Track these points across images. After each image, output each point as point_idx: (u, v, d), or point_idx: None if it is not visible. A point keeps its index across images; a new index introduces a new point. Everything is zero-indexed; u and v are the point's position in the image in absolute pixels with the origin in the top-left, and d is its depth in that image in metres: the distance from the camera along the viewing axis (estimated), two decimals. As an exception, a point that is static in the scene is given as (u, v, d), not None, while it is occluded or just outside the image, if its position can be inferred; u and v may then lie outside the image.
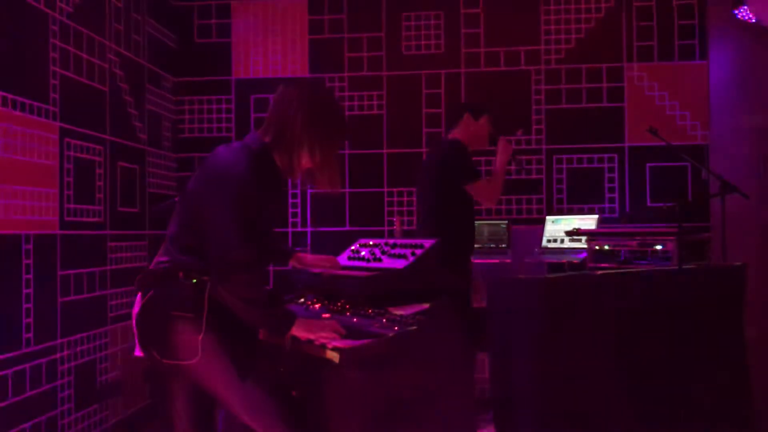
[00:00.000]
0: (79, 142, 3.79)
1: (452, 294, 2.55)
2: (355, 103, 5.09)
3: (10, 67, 3.23)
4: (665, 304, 3.01)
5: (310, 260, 2.75)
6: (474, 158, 3.91)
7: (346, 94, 5.08)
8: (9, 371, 3.16)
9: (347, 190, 5.03)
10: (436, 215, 3.58)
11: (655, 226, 4.51)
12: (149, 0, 4.71)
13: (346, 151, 5.03)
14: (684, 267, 3.06)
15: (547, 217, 4.79)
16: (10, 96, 3.22)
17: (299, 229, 5.09)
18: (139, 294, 2.23)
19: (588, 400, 2.97)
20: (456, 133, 3.73)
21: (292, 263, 2.75)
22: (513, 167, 4.25)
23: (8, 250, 3.20)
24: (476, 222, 3.86)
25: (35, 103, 3.42)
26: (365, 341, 2.09)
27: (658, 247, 3.83)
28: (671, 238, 3.78)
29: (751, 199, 3.98)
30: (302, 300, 2.72)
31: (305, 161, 2.26)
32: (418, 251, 2.55)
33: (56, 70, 3.59)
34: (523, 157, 3.87)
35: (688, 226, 4.32)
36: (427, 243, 2.60)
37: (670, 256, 3.75)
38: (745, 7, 4.36)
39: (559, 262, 4.40)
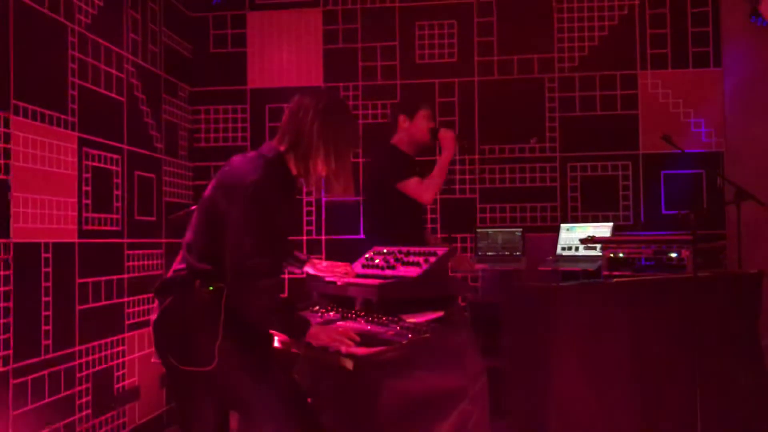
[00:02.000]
0: (97, 152, 3.84)
1: None
2: (369, 111, 5.12)
3: (30, 78, 3.29)
4: (680, 312, 3.00)
5: (325, 267, 2.77)
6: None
7: (360, 102, 5.11)
8: (28, 378, 3.21)
9: (361, 198, 5.05)
10: (379, 223, 3.53)
11: (670, 233, 4.49)
12: (165, 11, 4.77)
13: (360, 159, 5.05)
14: (699, 275, 3.05)
15: (562, 225, 4.78)
16: (30, 106, 3.27)
17: (314, 237, 5.12)
18: (157, 301, 2.25)
19: (605, 406, 2.96)
20: (394, 139, 3.66)
21: (306, 270, 2.77)
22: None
23: (28, 259, 3.25)
24: (491, 229, 3.81)
25: (54, 114, 3.47)
26: (379, 348, 2.10)
27: (673, 255, 3.81)
28: (686, 245, 3.76)
29: (767, 206, 3.96)
30: (317, 307, 2.73)
31: (320, 169, 2.28)
32: (432, 259, 2.57)
33: (75, 81, 3.65)
34: (465, 141, 3.73)
35: (704, 233, 4.29)
36: (441, 251, 2.61)
37: (685, 264, 3.74)
38: (762, 18, 4.35)
39: (573, 270, 4.39)
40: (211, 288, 2.15)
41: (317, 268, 2.76)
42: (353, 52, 5.16)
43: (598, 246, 4.25)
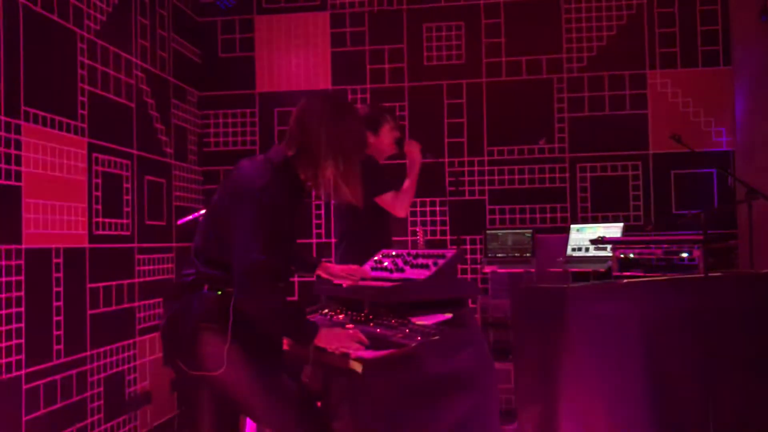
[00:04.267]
0: (106, 157, 3.86)
1: None
2: (378, 114, 5.11)
3: (41, 84, 3.31)
4: (692, 312, 2.98)
5: (337, 270, 2.76)
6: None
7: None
8: (40, 382, 3.22)
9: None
10: (352, 231, 3.50)
11: (681, 233, 4.47)
12: (174, 16, 4.79)
13: (369, 162, 5.05)
14: (710, 275, 3.03)
15: (572, 226, 4.76)
16: (40, 113, 3.30)
17: (323, 239, 5.12)
18: (166, 306, 2.26)
19: (615, 408, 2.95)
20: None
21: (318, 273, 2.75)
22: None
23: (39, 264, 3.27)
24: (501, 230, 3.77)
25: (64, 120, 3.49)
26: (388, 351, 2.10)
27: (684, 255, 3.78)
28: (697, 245, 3.74)
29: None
30: (326, 310, 2.73)
31: (329, 174, 2.27)
32: (441, 261, 2.56)
33: (84, 87, 3.67)
34: (430, 159, 3.70)
35: (715, 233, 4.27)
36: (449, 253, 2.60)
37: (697, 264, 3.71)
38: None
39: (584, 271, 4.38)
40: (219, 292, 2.15)
41: (329, 270, 2.74)
42: (361, 55, 5.17)
43: (609, 246, 4.24)
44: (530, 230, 4.78)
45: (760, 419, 2.96)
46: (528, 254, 4.71)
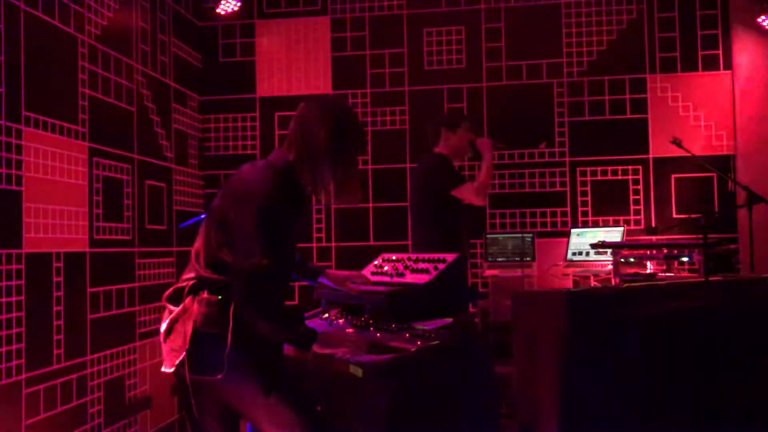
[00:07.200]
0: (107, 161, 3.87)
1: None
2: (378, 118, 5.13)
3: (42, 89, 3.32)
4: (692, 316, 2.98)
5: (339, 275, 2.75)
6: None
7: (369, 109, 5.12)
8: (40, 387, 3.22)
9: (370, 204, 5.06)
10: (428, 227, 3.73)
11: (681, 237, 4.48)
12: (175, 21, 4.80)
13: (369, 166, 5.06)
14: (711, 279, 3.03)
15: (572, 230, 4.76)
16: (41, 117, 3.30)
17: (324, 244, 5.12)
18: (167, 310, 2.26)
19: (615, 415, 2.94)
20: (438, 149, 3.88)
21: (321, 281, 2.74)
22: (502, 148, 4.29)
23: (40, 268, 3.27)
24: (501, 235, 3.84)
25: (65, 124, 3.50)
26: (388, 356, 2.10)
27: (685, 259, 3.79)
28: (697, 249, 3.74)
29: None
30: (326, 315, 2.73)
31: (327, 178, 2.28)
32: (441, 266, 2.56)
33: (85, 92, 3.68)
34: (498, 143, 4.02)
35: (715, 237, 4.27)
36: (450, 257, 2.61)
37: (697, 268, 3.72)
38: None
39: (584, 275, 4.38)
40: (219, 297, 2.15)
41: (333, 277, 2.72)
42: (362, 60, 5.17)
43: (609, 250, 4.24)
44: (531, 234, 4.78)
45: (761, 422, 2.96)
46: (528, 258, 4.70)
